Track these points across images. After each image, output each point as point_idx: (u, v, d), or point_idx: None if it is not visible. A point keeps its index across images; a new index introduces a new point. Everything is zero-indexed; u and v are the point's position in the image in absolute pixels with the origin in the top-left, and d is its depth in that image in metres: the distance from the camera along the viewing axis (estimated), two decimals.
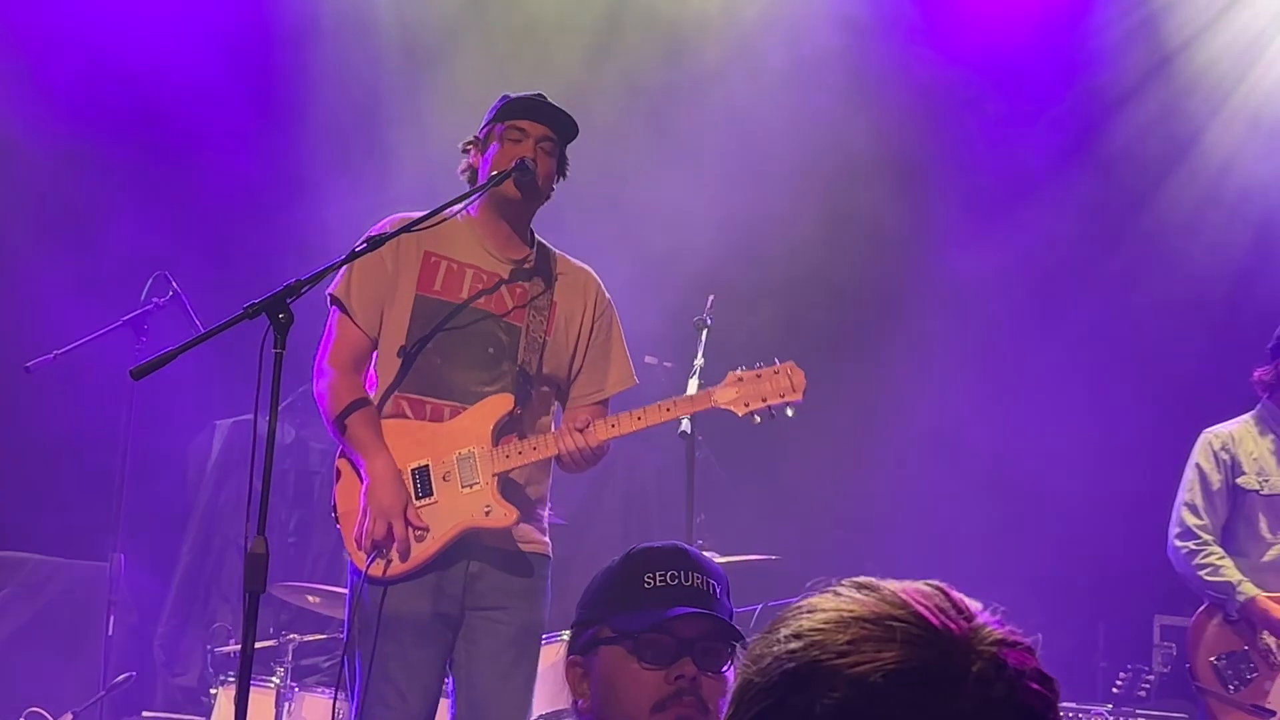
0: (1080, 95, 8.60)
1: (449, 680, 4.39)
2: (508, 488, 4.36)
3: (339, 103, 8.28)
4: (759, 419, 4.46)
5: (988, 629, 1.26)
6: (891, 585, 1.29)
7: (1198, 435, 6.02)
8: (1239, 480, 5.85)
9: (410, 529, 4.25)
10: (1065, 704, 6.71)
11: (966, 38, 8.50)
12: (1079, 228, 8.53)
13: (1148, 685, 7.25)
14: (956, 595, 1.30)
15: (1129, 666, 7.33)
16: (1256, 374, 5.95)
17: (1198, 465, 5.91)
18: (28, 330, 7.14)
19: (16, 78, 7.80)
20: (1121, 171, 8.55)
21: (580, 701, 2.68)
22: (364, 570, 4.23)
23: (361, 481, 4.32)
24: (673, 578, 2.64)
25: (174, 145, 8.05)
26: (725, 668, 2.60)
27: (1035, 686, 1.24)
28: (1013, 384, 8.14)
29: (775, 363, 4.46)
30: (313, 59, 8.26)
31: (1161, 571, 6.13)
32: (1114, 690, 7.23)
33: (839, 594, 1.29)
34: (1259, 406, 5.97)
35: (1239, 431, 5.93)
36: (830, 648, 1.24)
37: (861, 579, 1.31)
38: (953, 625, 1.25)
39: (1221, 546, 5.81)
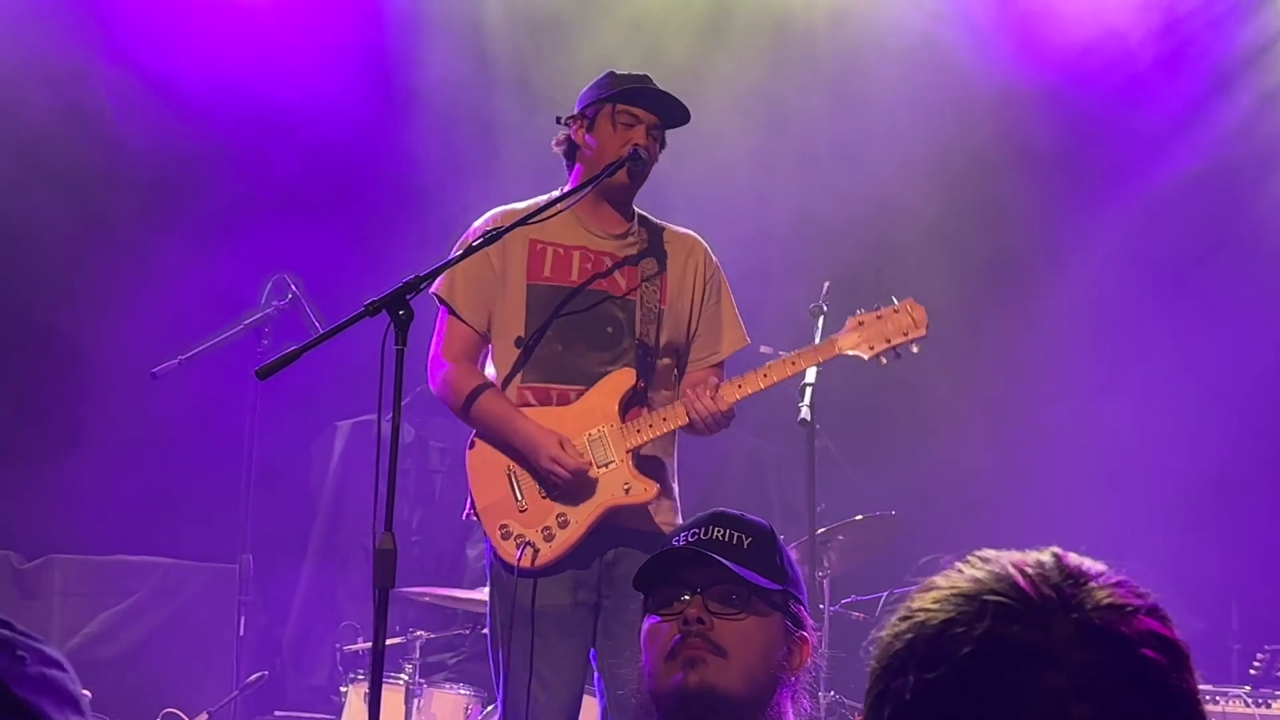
0: (1195, 71, 8.44)
1: (595, 674, 4.39)
2: (642, 462, 4.36)
3: (449, 100, 8.33)
4: (885, 360, 4.46)
5: (1098, 593, 1.23)
6: (1006, 556, 1.28)
7: None
8: None
9: (573, 455, 4.25)
10: (1203, 685, 6.59)
11: (1077, 18, 8.38)
12: (1196, 204, 8.38)
13: None
14: (1072, 560, 1.27)
15: (1266, 647, 7.17)
16: None
17: None
18: (153, 337, 7.24)
19: (139, 86, 7.92)
20: (1239, 147, 8.38)
21: None
22: (515, 563, 4.23)
23: (500, 469, 4.33)
24: (693, 535, 2.65)
25: (287, 150, 8.12)
26: (742, 612, 2.57)
27: (1146, 652, 1.20)
28: (1141, 359, 8.00)
29: (893, 301, 4.44)
30: (422, 58, 8.32)
31: None
32: (1251, 672, 7.07)
33: (959, 570, 1.29)
34: None
35: None
36: (928, 628, 1.23)
37: (983, 551, 1.30)
38: (1052, 593, 1.22)
39: None
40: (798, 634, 2.63)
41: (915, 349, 4.44)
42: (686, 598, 2.58)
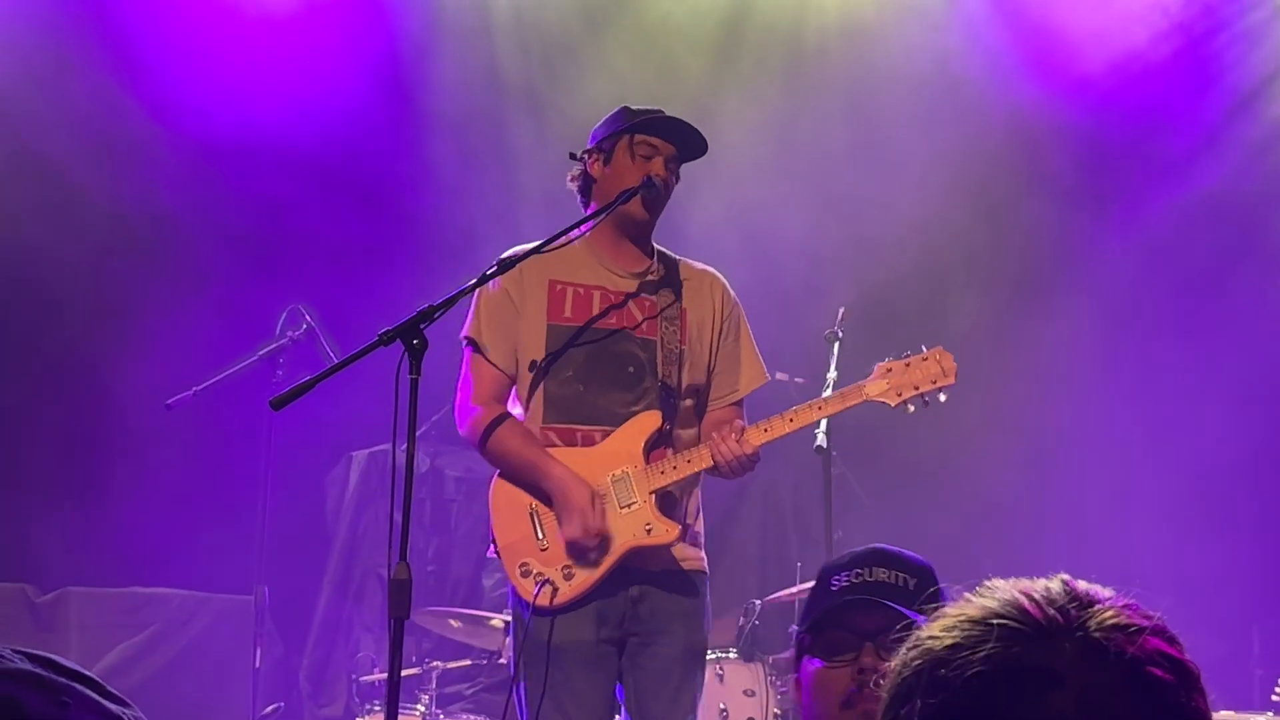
0: (1214, 90, 8.44)
1: (622, 709, 4.36)
2: (665, 503, 4.33)
3: (465, 133, 8.35)
4: (912, 408, 4.38)
5: (1104, 614, 1.22)
6: (1015, 584, 1.28)
7: None
8: None
9: (598, 517, 4.23)
10: (1225, 711, 6.53)
11: (1093, 39, 8.38)
12: (1217, 222, 8.36)
13: None
14: (1080, 586, 1.27)
15: None
16: None
17: None
18: (172, 371, 7.25)
19: (164, 123, 7.96)
20: (1260, 165, 8.37)
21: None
22: (532, 600, 4.21)
23: (522, 507, 4.32)
24: (856, 575, 2.60)
25: (306, 183, 8.14)
26: None
27: (1154, 671, 1.19)
28: (1161, 378, 7.97)
29: (922, 350, 4.39)
30: (437, 88, 8.34)
31: None
32: (1273, 698, 7.02)
33: (968, 598, 1.29)
34: None
35: None
36: (935, 654, 1.23)
37: (993, 581, 1.30)
38: (1058, 615, 1.22)
39: None
40: None
41: (943, 398, 4.36)
42: (858, 644, 2.53)
